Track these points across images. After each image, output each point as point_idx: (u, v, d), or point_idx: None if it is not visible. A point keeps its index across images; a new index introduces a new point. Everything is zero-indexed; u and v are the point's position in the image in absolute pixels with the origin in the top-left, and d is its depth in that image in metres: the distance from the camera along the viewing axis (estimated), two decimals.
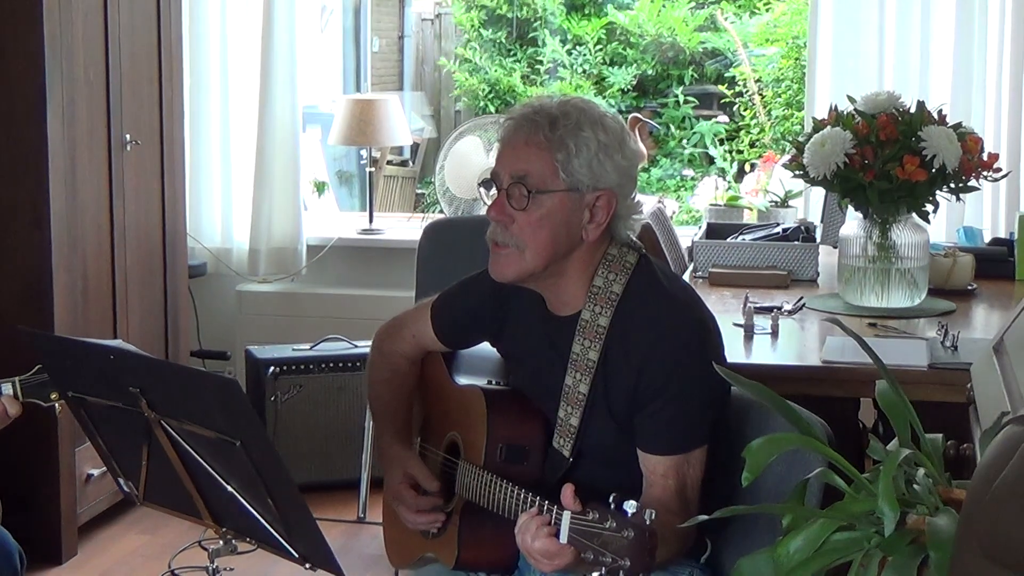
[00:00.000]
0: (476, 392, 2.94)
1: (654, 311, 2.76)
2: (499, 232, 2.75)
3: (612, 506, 2.31)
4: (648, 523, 2.28)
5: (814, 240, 4.90)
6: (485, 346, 3.11)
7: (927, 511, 2.11)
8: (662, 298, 2.78)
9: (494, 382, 3.06)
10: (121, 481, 2.94)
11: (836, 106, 4.26)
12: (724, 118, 11.47)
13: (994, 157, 4.16)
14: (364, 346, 5.63)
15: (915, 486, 2.18)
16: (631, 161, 2.80)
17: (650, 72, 12.30)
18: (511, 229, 2.73)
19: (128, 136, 5.31)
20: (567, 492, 2.38)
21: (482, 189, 2.87)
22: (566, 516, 2.35)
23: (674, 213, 6.81)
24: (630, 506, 2.29)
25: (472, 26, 12.47)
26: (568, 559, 2.38)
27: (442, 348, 3.13)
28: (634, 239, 2.86)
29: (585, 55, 12.25)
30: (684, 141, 12.01)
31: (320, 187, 7.63)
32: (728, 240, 4.86)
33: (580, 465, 2.79)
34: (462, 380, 3.07)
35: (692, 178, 10.06)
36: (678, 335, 2.74)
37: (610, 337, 2.74)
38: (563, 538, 2.36)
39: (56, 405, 3.15)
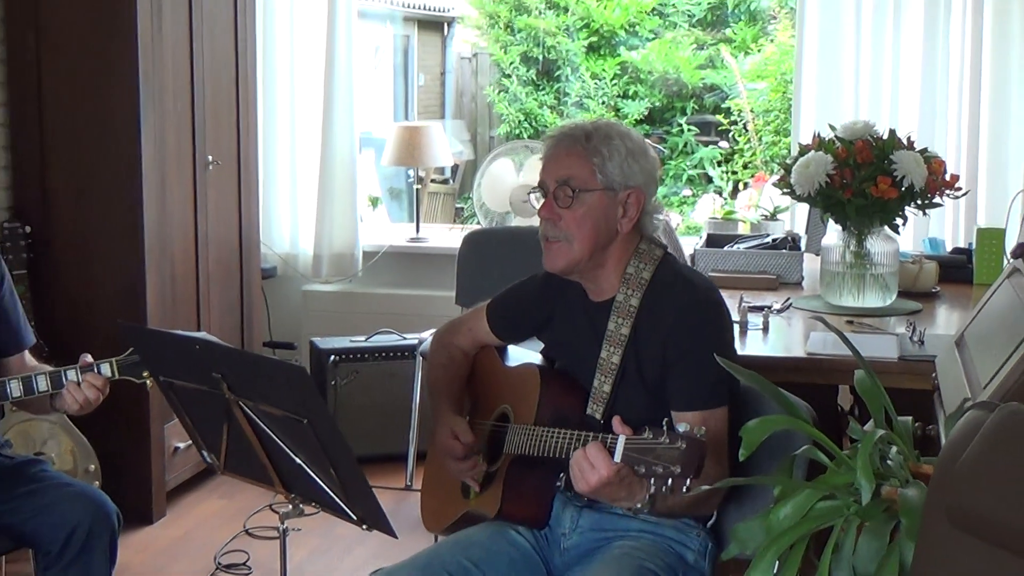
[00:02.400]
0: (532, 368, 3.00)
1: (678, 292, 2.81)
2: (549, 228, 2.83)
3: (665, 427, 2.35)
4: (699, 436, 2.33)
5: (799, 249, 4.88)
6: (528, 344, 3.17)
7: (899, 483, 2.11)
8: (684, 282, 2.84)
9: (544, 363, 3.11)
10: (205, 453, 2.96)
11: (819, 133, 4.26)
12: (725, 144, 11.46)
13: (955, 178, 4.14)
14: (412, 338, 5.65)
15: (888, 462, 2.18)
16: (653, 165, 2.88)
17: (657, 104, 12.32)
18: (559, 225, 2.81)
19: (210, 157, 5.32)
20: (616, 421, 2.43)
21: (532, 196, 2.92)
22: (621, 439, 2.38)
23: (678, 225, 6.81)
24: (681, 426, 2.34)
25: (510, 62, 12.49)
26: (618, 479, 2.39)
27: (496, 342, 3.17)
28: (659, 237, 2.92)
29: (603, 89, 12.26)
30: (686, 163, 12.01)
31: (374, 201, 7.65)
32: (725, 249, 4.85)
33: (611, 429, 2.80)
34: (514, 363, 3.11)
35: (693, 195, 10.07)
36: (698, 311, 2.79)
37: (640, 314, 2.80)
38: (617, 457, 2.38)
39: (147, 382, 3.17)
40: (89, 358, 3.19)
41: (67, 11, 4.83)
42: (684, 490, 2.32)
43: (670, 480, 2.31)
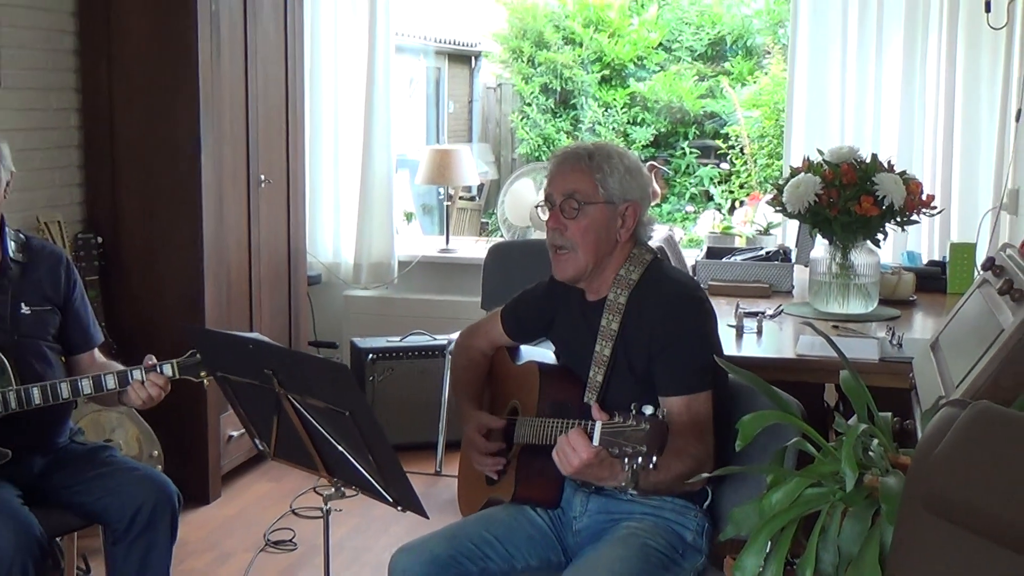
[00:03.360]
0: (532, 366, 3.01)
1: (661, 291, 2.83)
2: (557, 237, 2.85)
3: (633, 411, 2.36)
4: (660, 417, 2.34)
5: (790, 260, 4.87)
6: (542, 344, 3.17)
7: (880, 472, 2.10)
8: (669, 281, 2.87)
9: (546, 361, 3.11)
10: (257, 441, 2.96)
11: (808, 157, 4.25)
12: (723, 166, 11.44)
13: (931, 197, 4.14)
14: (442, 339, 5.65)
15: (870, 453, 2.17)
16: (647, 181, 2.92)
17: (663, 130, 12.31)
18: (566, 234, 2.83)
19: (262, 176, 5.33)
20: (595, 407, 2.45)
21: (540, 208, 2.95)
22: (598, 424, 2.39)
23: (681, 239, 6.78)
24: (647, 408, 2.34)
25: (531, 92, 12.51)
26: (597, 460, 2.42)
27: (509, 343, 3.19)
28: (650, 244, 2.94)
29: (613, 116, 12.26)
30: (689, 183, 11.99)
31: (408, 216, 7.66)
32: (723, 260, 4.84)
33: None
34: (521, 361, 3.12)
35: (695, 212, 10.05)
36: (680, 305, 2.81)
37: (627, 310, 2.82)
38: (596, 441, 2.39)
39: (204, 381, 3.18)
40: (153, 359, 3.21)
41: (135, 44, 4.85)
42: (651, 465, 2.32)
43: (640, 459, 2.32)
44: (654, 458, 2.32)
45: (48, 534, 3.09)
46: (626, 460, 2.33)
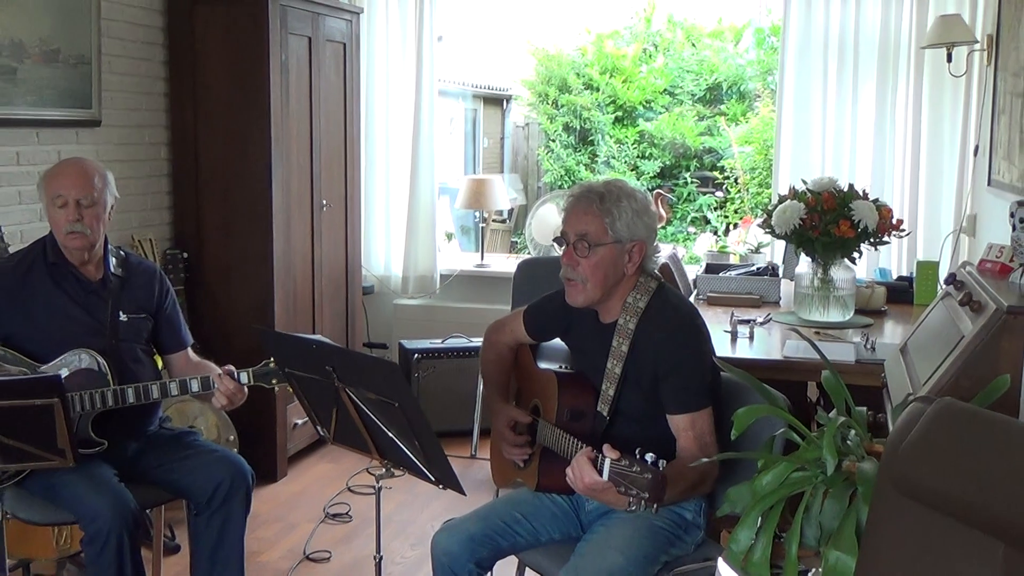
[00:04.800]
0: (551, 375, 2.95)
1: (665, 317, 2.77)
2: (569, 271, 2.80)
3: (638, 456, 2.33)
4: (660, 469, 2.31)
5: (777, 276, 4.85)
6: (557, 341, 3.12)
7: (856, 459, 2.09)
8: (671, 310, 2.80)
9: (563, 367, 3.07)
10: (318, 428, 2.96)
11: (793, 186, 4.24)
12: (720, 193, 11.42)
13: (900, 222, 4.12)
14: (477, 341, 5.59)
15: (848, 442, 2.16)
16: (654, 220, 2.84)
17: (667, 163, 12.30)
18: (577, 270, 2.78)
19: (324, 201, 5.35)
20: (607, 447, 2.40)
21: (555, 244, 2.90)
22: (608, 461, 2.37)
23: (683, 256, 6.77)
24: (650, 457, 2.32)
25: (554, 130, 12.53)
26: (607, 491, 2.40)
27: (529, 341, 3.15)
28: (656, 272, 2.88)
29: (625, 151, 12.26)
30: (689, 208, 11.97)
31: (449, 236, 7.66)
32: (720, 275, 4.82)
33: (615, 422, 2.81)
34: (543, 365, 3.08)
35: (695, 233, 10.02)
36: (681, 333, 2.76)
37: (636, 335, 2.77)
38: (605, 476, 2.38)
39: (275, 388, 3.19)
40: (232, 368, 3.22)
41: (217, 90, 4.89)
42: (653, 511, 2.33)
43: (643, 503, 2.31)
44: (655, 505, 2.31)
45: (140, 507, 3.10)
46: (631, 500, 2.33)
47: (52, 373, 3.07)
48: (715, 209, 11.52)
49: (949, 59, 4.99)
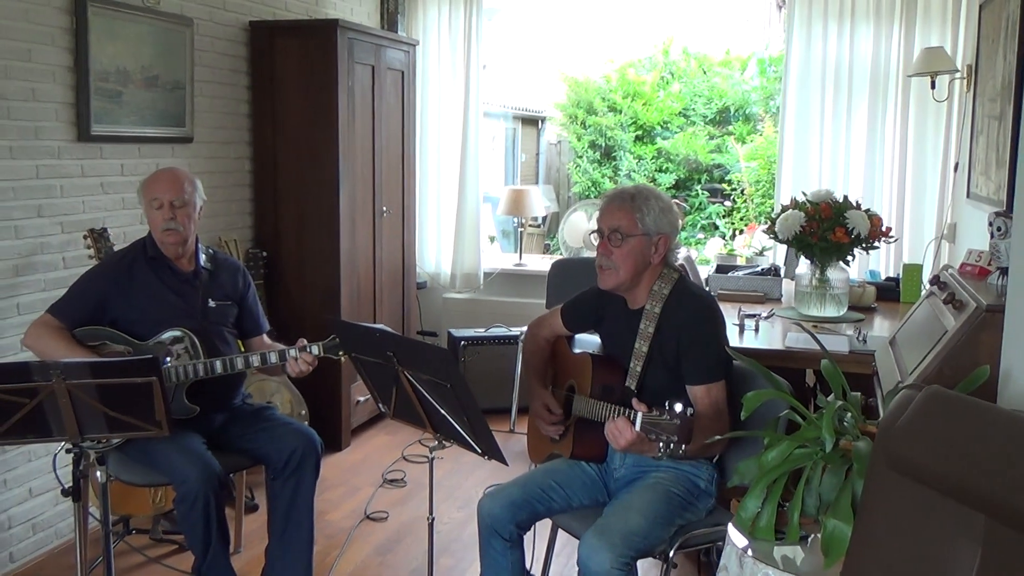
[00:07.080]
0: (586, 356, 2.96)
1: (686, 302, 2.78)
2: (603, 260, 2.82)
3: (667, 406, 2.36)
4: (688, 414, 2.33)
5: (779, 276, 4.82)
6: (589, 337, 3.13)
7: (852, 438, 2.07)
8: (691, 296, 2.80)
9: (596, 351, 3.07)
10: (380, 404, 2.96)
11: (794, 198, 4.21)
12: (728, 203, 11.35)
13: (889, 229, 4.08)
14: (516, 331, 5.66)
15: (844, 423, 2.14)
16: (676, 219, 2.86)
17: (682, 176, 12.24)
18: (611, 258, 2.79)
19: (384, 208, 5.36)
20: (635, 401, 2.46)
21: (593, 236, 2.90)
22: (639, 414, 2.40)
23: (696, 258, 6.73)
24: (677, 405, 2.34)
25: (582, 147, 12.52)
26: (642, 441, 2.43)
27: (567, 333, 3.14)
28: (677, 265, 2.89)
29: (644, 166, 12.23)
30: (700, 216, 11.91)
31: (491, 239, 7.65)
32: (728, 275, 4.80)
33: (641, 396, 2.77)
34: (577, 351, 3.08)
35: (705, 238, 9.97)
36: (700, 315, 2.76)
37: (661, 318, 2.77)
38: (637, 427, 2.41)
39: (341, 359, 3.19)
40: (304, 342, 3.23)
41: (292, 112, 4.91)
42: (681, 452, 2.33)
43: (672, 444, 2.32)
44: (684, 446, 2.32)
45: (225, 471, 3.12)
46: (661, 444, 2.34)
47: (151, 355, 3.09)
48: (723, 217, 11.44)
49: (933, 86, 4.94)
